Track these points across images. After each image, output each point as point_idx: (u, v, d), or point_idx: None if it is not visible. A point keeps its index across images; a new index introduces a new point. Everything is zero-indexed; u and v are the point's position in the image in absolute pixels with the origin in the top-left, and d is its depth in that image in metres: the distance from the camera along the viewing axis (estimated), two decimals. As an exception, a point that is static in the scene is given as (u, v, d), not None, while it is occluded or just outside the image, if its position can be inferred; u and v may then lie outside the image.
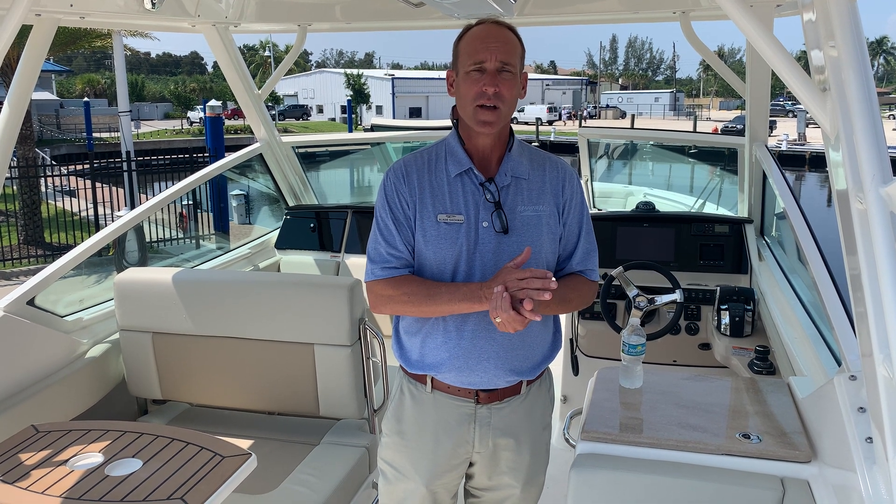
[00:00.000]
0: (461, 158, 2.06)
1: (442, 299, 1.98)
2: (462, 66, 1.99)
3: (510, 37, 2.00)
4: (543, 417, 2.25)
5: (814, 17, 1.65)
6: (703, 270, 3.93)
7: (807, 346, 2.55)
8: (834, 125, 1.60)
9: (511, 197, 2.05)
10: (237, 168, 4.94)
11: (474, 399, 2.10)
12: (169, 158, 15.27)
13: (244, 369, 3.12)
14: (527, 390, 2.16)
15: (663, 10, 3.58)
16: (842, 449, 1.63)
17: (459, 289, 1.96)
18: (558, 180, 2.13)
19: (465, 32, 2.02)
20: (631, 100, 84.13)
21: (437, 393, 2.12)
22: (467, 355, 2.04)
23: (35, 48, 2.90)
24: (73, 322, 3.21)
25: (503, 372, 2.07)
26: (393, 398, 2.23)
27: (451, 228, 2.01)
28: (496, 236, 2.01)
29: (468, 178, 2.05)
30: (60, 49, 16.41)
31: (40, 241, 13.66)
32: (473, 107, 1.96)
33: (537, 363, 2.15)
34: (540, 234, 2.06)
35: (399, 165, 2.10)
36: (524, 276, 1.84)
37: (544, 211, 2.08)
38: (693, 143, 5.79)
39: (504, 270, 1.90)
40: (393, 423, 2.20)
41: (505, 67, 1.95)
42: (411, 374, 2.16)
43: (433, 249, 2.02)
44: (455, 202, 2.03)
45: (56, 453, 2.16)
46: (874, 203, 1.43)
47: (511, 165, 2.08)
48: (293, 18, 3.97)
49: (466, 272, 2.03)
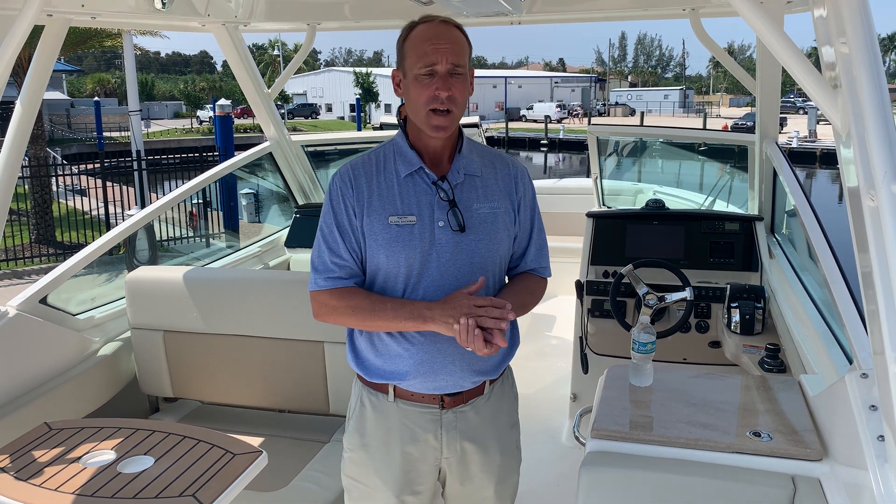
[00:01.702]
0: (410, 158, 2.01)
1: (386, 315, 1.94)
2: (411, 69, 1.93)
3: (458, 36, 1.95)
4: (510, 415, 2.21)
5: (824, 13, 1.64)
6: (713, 268, 3.91)
7: (818, 343, 2.54)
8: (845, 122, 1.60)
9: (465, 195, 2.01)
10: (247, 167, 4.96)
11: (439, 404, 2.04)
12: (179, 157, 15.31)
13: (254, 367, 3.14)
14: (490, 390, 2.12)
15: (673, 7, 3.57)
16: (853, 447, 1.63)
17: (405, 306, 1.92)
18: (510, 177, 2.10)
19: (409, 31, 1.96)
20: (640, 97, 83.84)
21: (399, 402, 2.05)
22: (433, 360, 1.98)
23: (47, 48, 2.92)
24: (85, 320, 3.23)
25: (468, 373, 2.03)
26: (353, 411, 2.14)
27: (403, 230, 1.95)
28: (453, 235, 1.97)
29: (419, 178, 2.00)
30: (71, 49, 16.49)
31: (52, 240, 13.74)
32: (426, 111, 1.91)
33: (499, 362, 2.11)
34: (497, 231, 2.03)
35: (345, 170, 2.03)
36: (483, 305, 1.82)
37: (500, 208, 2.05)
38: (703, 141, 5.77)
39: (458, 296, 1.87)
40: (356, 437, 2.12)
41: (456, 70, 1.91)
42: (371, 383, 2.08)
43: (386, 252, 1.96)
44: (406, 203, 1.98)
45: (69, 451, 2.17)
46: (886, 200, 1.43)
47: (463, 163, 2.04)
48: (302, 18, 3.98)
49: (422, 274, 1.97)
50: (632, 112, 73.82)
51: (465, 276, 1.98)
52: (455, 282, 1.97)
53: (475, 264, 1.99)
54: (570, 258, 4.42)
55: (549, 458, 3.70)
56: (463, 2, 2.83)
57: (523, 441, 2.31)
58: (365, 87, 61.94)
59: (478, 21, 3.61)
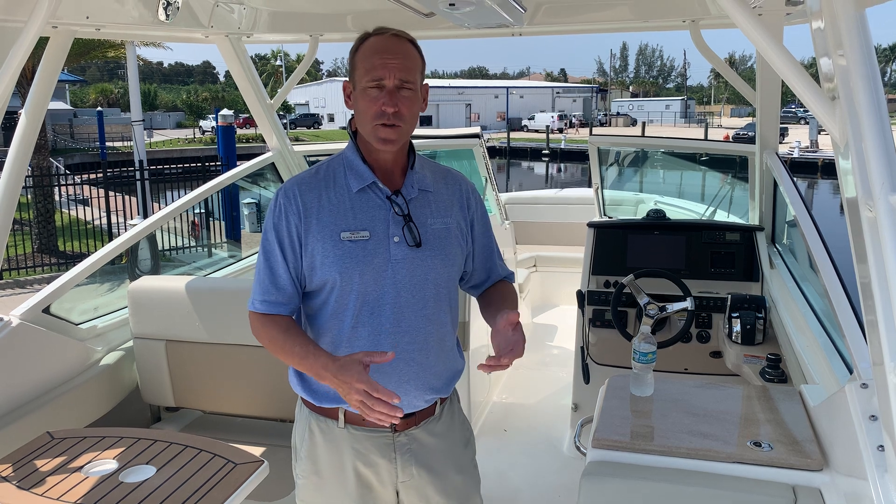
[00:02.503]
0: (363, 172, 1.95)
1: (293, 360, 1.92)
2: (360, 81, 1.89)
3: (409, 51, 1.91)
4: (462, 434, 2.17)
5: (822, 25, 1.66)
6: (713, 278, 3.92)
7: (818, 354, 2.55)
8: (843, 133, 1.61)
9: (419, 210, 1.97)
10: (249, 177, 4.98)
11: (391, 427, 1.99)
12: (181, 167, 15.36)
13: (256, 377, 3.14)
14: (440, 410, 2.08)
15: (673, 19, 3.59)
16: (853, 457, 1.63)
17: (307, 357, 1.86)
18: (462, 194, 2.09)
19: (361, 43, 1.92)
20: (641, 107, 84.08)
21: (350, 427, 1.99)
22: (387, 380, 1.90)
23: (52, 59, 2.94)
24: (88, 330, 3.24)
25: (422, 391, 1.99)
26: (303, 440, 2.07)
27: (357, 246, 1.90)
28: (410, 250, 1.93)
29: (373, 193, 1.95)
30: (74, 59, 16.58)
31: (54, 250, 13.77)
32: (373, 125, 1.87)
33: (449, 379, 2.09)
34: (451, 246, 2.01)
35: (290, 186, 1.96)
36: (377, 396, 1.69)
37: (452, 223, 2.02)
38: (704, 151, 5.78)
39: (350, 367, 1.74)
40: (307, 465, 2.05)
41: (404, 85, 1.86)
42: (319, 408, 2.02)
43: (339, 269, 1.89)
44: (359, 218, 1.92)
45: (71, 460, 2.18)
46: (884, 211, 1.44)
47: (416, 178, 2.00)
48: (305, 29, 4.01)
49: (377, 292, 1.91)
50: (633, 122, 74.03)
51: (422, 292, 1.95)
52: (413, 300, 1.94)
53: (430, 280, 1.96)
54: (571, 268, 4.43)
55: (551, 467, 3.70)
56: (464, 14, 2.84)
57: (525, 451, 2.31)
58: (367, 97, 61.95)
59: (480, 32, 3.63)
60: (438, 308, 1.99)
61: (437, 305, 1.99)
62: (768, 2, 3.02)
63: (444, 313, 2.03)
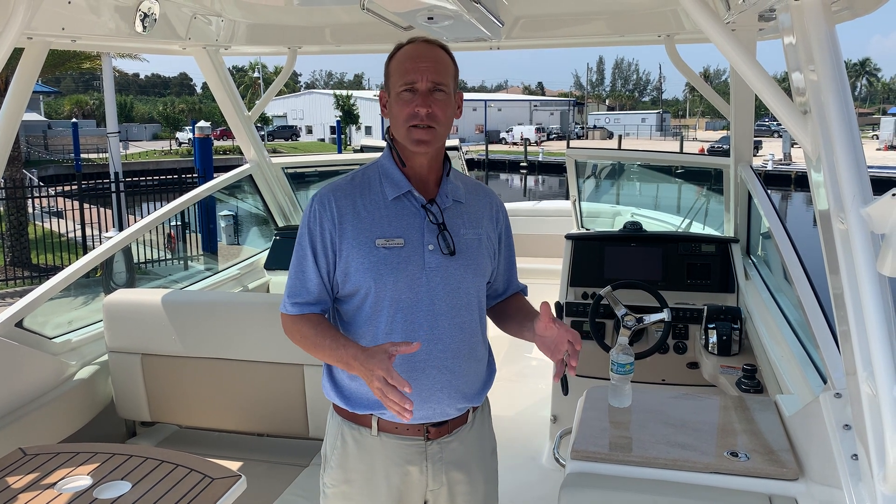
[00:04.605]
0: (399, 181, 1.98)
1: (324, 353, 1.94)
2: (394, 87, 1.93)
3: (442, 56, 1.94)
4: (490, 442, 2.21)
5: (794, 40, 1.69)
6: (690, 290, 3.95)
7: (793, 364, 2.58)
8: (815, 147, 1.64)
9: (453, 219, 2.00)
10: (226, 189, 4.95)
11: (424, 436, 2.01)
12: (157, 179, 15.23)
13: (233, 390, 3.11)
14: (472, 418, 2.10)
15: (649, 34, 3.63)
16: (828, 466, 1.65)
17: (337, 349, 1.89)
18: (493, 209, 2.13)
19: (395, 52, 1.96)
20: (618, 120, 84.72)
21: (383, 435, 2.01)
22: (420, 388, 1.93)
23: (26, 71, 2.92)
24: (62, 344, 3.20)
25: (455, 399, 2.00)
26: (334, 448, 2.07)
27: (392, 253, 1.93)
28: (444, 259, 1.95)
29: (408, 201, 1.98)
30: (49, 70, 16.42)
31: (27, 263, 13.57)
32: (406, 127, 1.91)
33: (481, 387, 2.10)
34: (482, 257, 2.04)
35: (325, 192, 1.99)
36: (392, 383, 1.71)
37: (483, 235, 2.06)
38: (679, 164, 5.85)
39: (376, 354, 1.77)
40: (338, 473, 2.06)
41: (437, 87, 1.90)
42: (352, 415, 2.03)
43: (373, 276, 1.92)
44: (394, 226, 1.95)
45: (44, 476, 2.14)
46: (855, 223, 1.46)
47: (450, 188, 2.03)
48: (283, 41, 4.01)
49: (412, 299, 1.94)
50: (609, 135, 74.57)
51: (455, 300, 1.97)
52: (446, 307, 1.96)
53: (462, 289, 1.99)
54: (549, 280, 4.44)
55: (530, 480, 3.69)
56: (442, 27, 2.86)
57: (504, 463, 2.31)
58: (345, 109, 62.09)
59: (458, 46, 3.65)
60: (470, 316, 2.02)
61: (468, 314, 2.01)
62: (741, 17, 3.07)
63: (475, 322, 2.05)
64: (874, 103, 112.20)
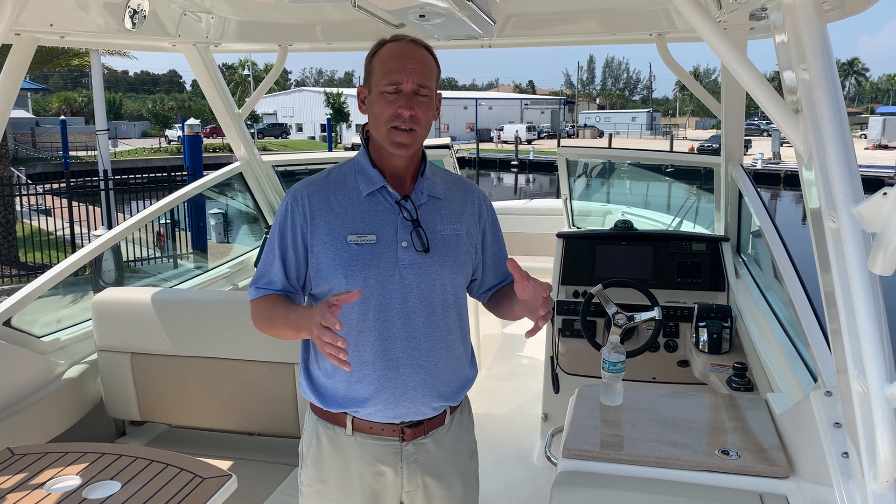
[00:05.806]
0: (373, 176, 1.97)
1: (279, 322, 1.92)
2: (376, 85, 1.91)
3: (427, 58, 1.94)
4: (469, 445, 2.17)
5: (786, 39, 1.69)
6: (680, 288, 3.97)
7: (783, 362, 2.59)
8: (807, 145, 1.64)
9: (429, 216, 1.99)
10: (215, 187, 4.93)
11: (399, 436, 1.99)
12: (147, 177, 15.17)
13: (224, 389, 3.10)
14: (450, 419, 2.08)
15: (640, 33, 3.64)
16: (819, 464, 1.65)
17: (289, 316, 1.88)
18: (474, 205, 2.10)
19: (378, 48, 1.94)
20: (608, 119, 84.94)
21: (357, 435, 1.99)
22: (394, 386, 1.93)
23: (14, 67, 2.89)
24: (51, 343, 3.18)
25: (430, 398, 1.98)
26: (309, 447, 2.07)
27: (363, 249, 1.91)
28: (417, 255, 1.94)
29: (382, 197, 1.97)
30: (37, 67, 16.34)
31: (15, 261, 13.48)
32: (388, 128, 1.89)
33: (460, 386, 2.08)
34: (460, 254, 2.02)
35: (299, 188, 1.98)
36: (325, 325, 1.68)
37: (462, 231, 2.04)
38: (670, 163, 5.87)
39: (319, 305, 1.74)
40: (313, 472, 2.05)
41: (421, 91, 1.89)
42: (327, 413, 2.02)
43: (344, 272, 1.90)
44: (367, 222, 1.94)
45: (32, 476, 2.13)
46: (846, 222, 1.47)
47: (426, 185, 2.02)
48: (274, 39, 3.99)
49: (384, 296, 1.92)
50: (600, 134, 74.77)
51: (429, 298, 1.96)
52: (420, 305, 1.94)
53: (438, 286, 1.97)
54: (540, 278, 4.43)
55: (521, 478, 3.70)
56: (434, 25, 2.85)
57: (495, 462, 2.31)
58: (336, 107, 61.99)
59: (449, 44, 3.64)
60: (446, 314, 2.00)
61: (444, 311, 1.99)
62: (733, 16, 3.08)
63: (453, 320, 2.03)
64: (862, 103, 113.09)
